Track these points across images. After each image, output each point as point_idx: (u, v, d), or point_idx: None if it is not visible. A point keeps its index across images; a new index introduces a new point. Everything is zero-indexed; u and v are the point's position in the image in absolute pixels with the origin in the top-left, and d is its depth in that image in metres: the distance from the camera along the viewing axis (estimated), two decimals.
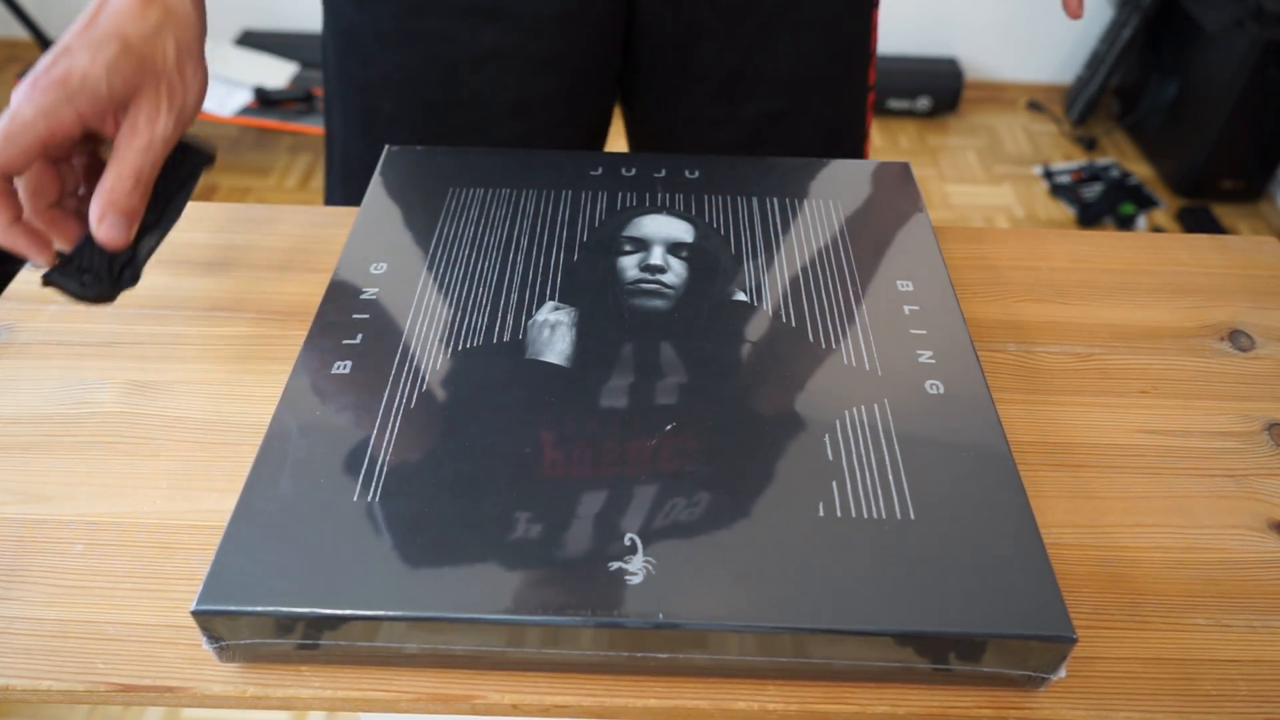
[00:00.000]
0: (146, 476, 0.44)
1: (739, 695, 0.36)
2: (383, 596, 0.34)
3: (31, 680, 0.36)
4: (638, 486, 0.38)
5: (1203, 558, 0.42)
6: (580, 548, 0.36)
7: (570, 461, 0.39)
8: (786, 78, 0.68)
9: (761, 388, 0.43)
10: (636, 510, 0.37)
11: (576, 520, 0.37)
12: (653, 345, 0.45)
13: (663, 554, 0.36)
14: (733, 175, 0.57)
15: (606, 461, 0.39)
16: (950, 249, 0.58)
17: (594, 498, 0.38)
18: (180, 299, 0.53)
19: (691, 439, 0.40)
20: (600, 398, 0.42)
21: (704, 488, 0.38)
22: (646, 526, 0.37)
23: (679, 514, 0.37)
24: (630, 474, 0.39)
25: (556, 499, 0.38)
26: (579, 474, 0.39)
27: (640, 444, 0.40)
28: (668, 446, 0.40)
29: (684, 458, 0.39)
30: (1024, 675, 0.36)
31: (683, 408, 0.42)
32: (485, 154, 0.58)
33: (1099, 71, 2.20)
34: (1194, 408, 0.49)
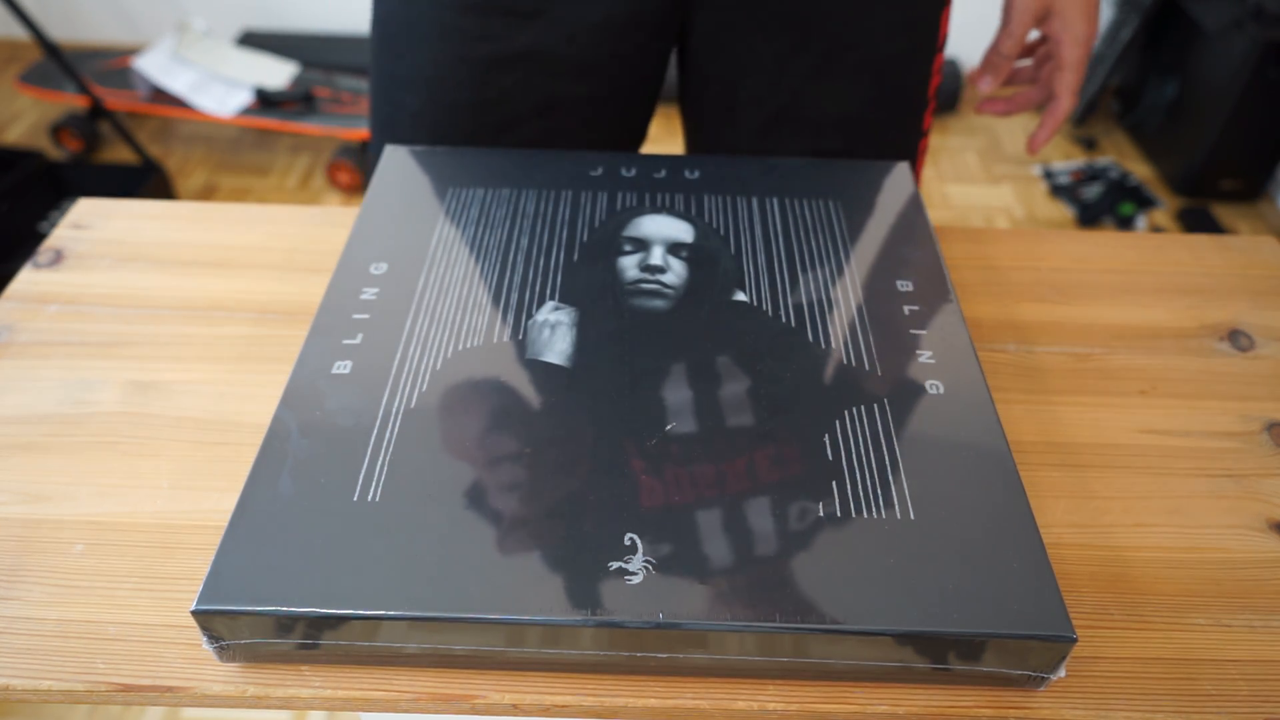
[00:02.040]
0: (147, 476, 0.44)
1: (739, 695, 0.36)
2: (383, 596, 0.34)
3: (31, 680, 0.36)
4: (638, 486, 0.38)
5: (1203, 558, 0.42)
6: (580, 548, 0.36)
7: (570, 461, 0.39)
8: (835, 120, 0.67)
9: (761, 388, 0.43)
10: (636, 510, 0.37)
11: (576, 520, 0.37)
12: (653, 345, 0.45)
13: (663, 554, 0.36)
14: (733, 175, 0.57)
15: (606, 461, 0.39)
16: (950, 249, 0.58)
17: (594, 497, 0.38)
18: (180, 299, 0.54)
19: (691, 439, 0.40)
20: (600, 397, 0.42)
21: (704, 488, 0.38)
22: (646, 526, 0.37)
23: (679, 514, 0.37)
24: (630, 474, 0.39)
25: (556, 499, 0.38)
26: (579, 474, 0.39)
27: (640, 444, 0.40)
28: (667, 446, 0.40)
29: (684, 457, 0.39)
30: (1024, 675, 0.36)
31: (682, 407, 0.42)
32: (485, 154, 0.58)
33: (1099, 71, 2.20)
34: (1194, 408, 0.49)
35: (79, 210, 0.60)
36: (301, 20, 2.29)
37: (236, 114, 1.88)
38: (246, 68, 1.98)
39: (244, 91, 1.91)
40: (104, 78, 1.95)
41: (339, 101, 1.95)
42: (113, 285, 0.54)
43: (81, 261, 0.56)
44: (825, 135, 0.67)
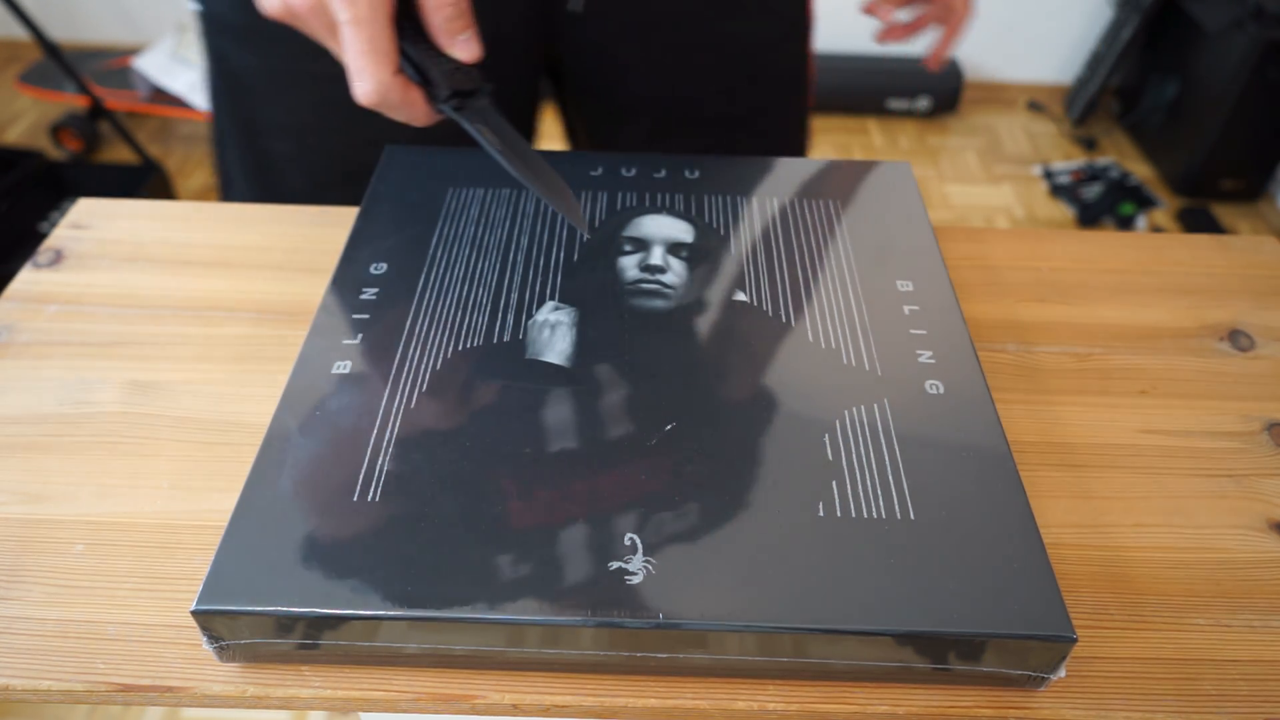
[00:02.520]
0: (147, 476, 0.44)
1: (739, 695, 0.36)
2: (383, 596, 0.34)
3: (31, 680, 0.36)
4: (638, 486, 0.38)
5: (1203, 558, 0.42)
6: (580, 548, 0.36)
7: (570, 461, 0.39)
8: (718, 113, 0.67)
9: (761, 388, 0.43)
10: (636, 510, 0.37)
11: (576, 520, 0.37)
12: (653, 345, 0.45)
13: (663, 554, 0.36)
14: (733, 175, 0.57)
15: (606, 461, 0.39)
16: (950, 249, 0.58)
17: (594, 498, 0.38)
18: (180, 299, 0.53)
19: (691, 439, 0.40)
20: (600, 398, 0.42)
21: (704, 487, 0.38)
22: (646, 526, 0.37)
23: (679, 514, 0.37)
24: (630, 474, 0.39)
25: (556, 499, 0.38)
26: (579, 474, 0.39)
27: (640, 444, 0.40)
28: (668, 446, 0.40)
29: (684, 457, 0.39)
30: (1024, 675, 0.36)
31: (683, 407, 0.42)
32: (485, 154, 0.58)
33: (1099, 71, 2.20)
34: (1194, 408, 0.49)
35: (79, 210, 0.60)
36: None
37: None
38: None
39: None
40: (104, 78, 1.95)
41: None
42: (113, 285, 0.54)
43: (81, 261, 0.56)
44: (711, 130, 0.67)
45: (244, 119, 0.65)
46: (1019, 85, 2.42)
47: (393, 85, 0.42)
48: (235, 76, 0.64)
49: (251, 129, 0.65)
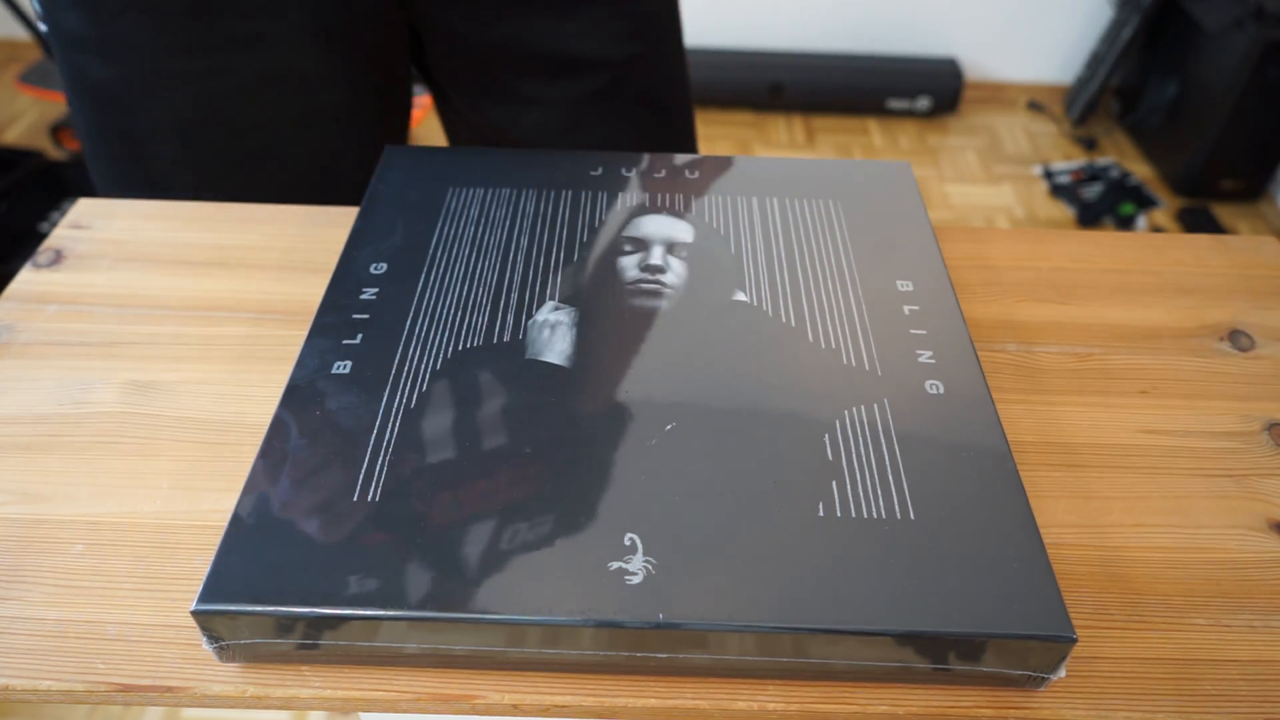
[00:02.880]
0: (146, 476, 0.44)
1: (739, 695, 0.36)
2: (383, 596, 0.34)
3: (31, 680, 0.36)
4: (638, 486, 0.38)
5: (1203, 558, 0.42)
6: (580, 548, 0.36)
7: (570, 461, 0.39)
8: (591, 58, 0.67)
9: (761, 387, 0.43)
10: (636, 510, 0.37)
11: (576, 520, 0.37)
12: (653, 345, 0.45)
13: (663, 554, 0.36)
14: (733, 175, 0.57)
15: (606, 461, 0.39)
16: (950, 249, 0.58)
17: (594, 498, 0.38)
18: (180, 299, 0.53)
19: (691, 439, 0.40)
20: (600, 398, 0.42)
21: (704, 488, 0.38)
22: (646, 526, 0.37)
23: (679, 514, 0.37)
24: (630, 474, 0.39)
25: (556, 499, 0.38)
26: (579, 474, 0.39)
27: (640, 444, 0.40)
28: (668, 446, 0.40)
29: (684, 457, 0.39)
30: (1024, 675, 0.36)
31: (683, 407, 0.42)
32: (485, 154, 0.58)
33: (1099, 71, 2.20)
34: (1194, 408, 0.49)
35: (79, 210, 0.60)
36: None
37: None
38: None
39: None
40: None
41: None
42: (113, 285, 0.54)
43: (81, 261, 0.56)
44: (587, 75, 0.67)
45: (119, 132, 0.64)
46: (1019, 85, 2.42)
47: None
48: (99, 91, 0.63)
49: (129, 140, 0.64)
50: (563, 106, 0.69)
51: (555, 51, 0.66)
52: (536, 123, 0.70)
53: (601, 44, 0.66)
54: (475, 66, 0.68)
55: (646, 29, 0.68)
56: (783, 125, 2.34)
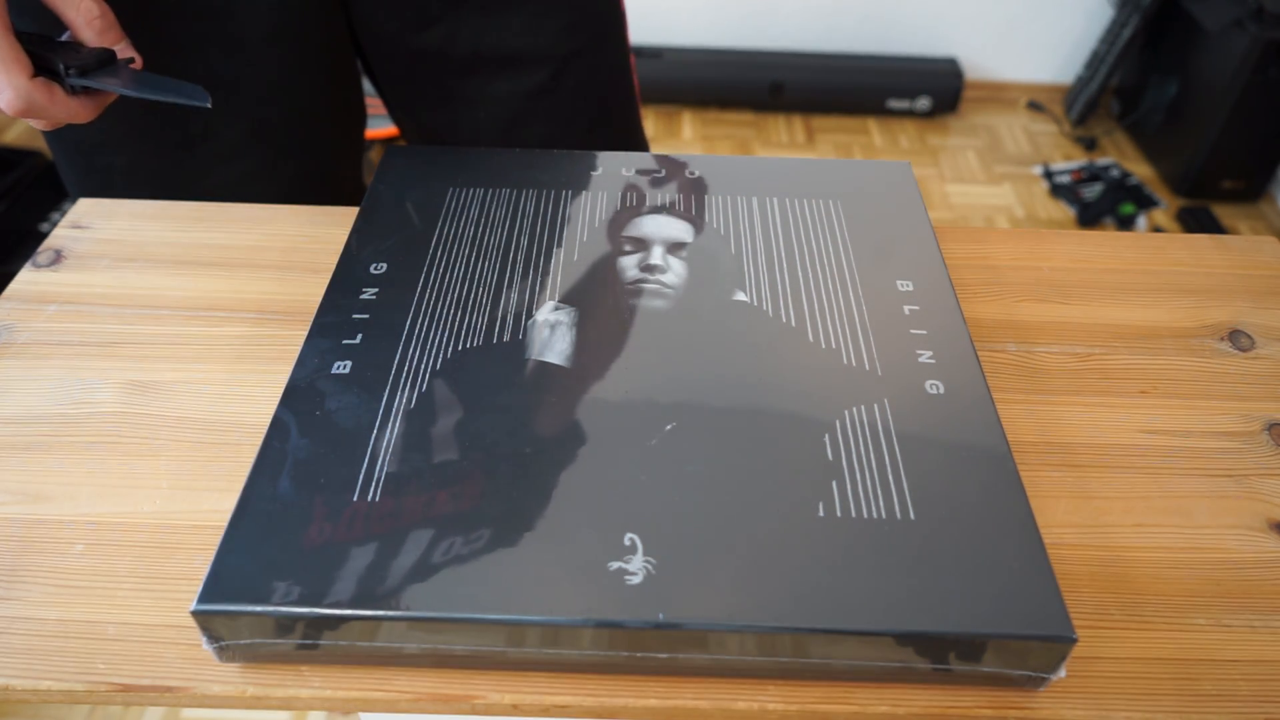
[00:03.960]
0: (146, 476, 0.44)
1: (739, 695, 0.36)
2: (383, 596, 0.34)
3: (31, 680, 0.36)
4: (638, 486, 0.38)
5: (1203, 558, 0.42)
6: (580, 548, 0.36)
7: (570, 461, 0.39)
8: (531, 54, 0.67)
9: (761, 387, 0.43)
10: (636, 510, 0.37)
11: (576, 520, 0.37)
12: (653, 345, 0.45)
13: (663, 554, 0.36)
14: (733, 175, 0.57)
15: (607, 461, 0.39)
16: (950, 249, 0.58)
17: (594, 498, 0.38)
18: (180, 299, 0.53)
19: (691, 439, 0.40)
20: (600, 398, 0.42)
21: (704, 488, 0.38)
22: (646, 526, 0.37)
23: (679, 514, 0.37)
24: (630, 474, 0.39)
25: (557, 499, 0.38)
26: (579, 474, 0.39)
27: (640, 444, 0.40)
28: (668, 446, 0.40)
29: (684, 457, 0.39)
30: (1024, 675, 0.36)
31: (683, 407, 0.42)
32: (485, 154, 0.58)
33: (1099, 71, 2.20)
34: (1194, 408, 0.49)
35: (79, 210, 0.60)
36: None
37: None
38: None
39: None
40: None
41: None
42: (113, 285, 0.54)
43: (81, 261, 0.56)
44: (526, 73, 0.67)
45: (70, 140, 0.65)
46: (1019, 85, 2.42)
47: (33, 88, 0.44)
48: None
49: (80, 148, 0.65)
50: (503, 105, 0.69)
51: (494, 49, 0.66)
52: (477, 123, 0.70)
53: (540, 39, 0.66)
54: (413, 70, 0.69)
55: (586, 24, 0.68)
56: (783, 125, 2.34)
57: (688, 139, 2.27)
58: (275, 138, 0.66)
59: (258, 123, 0.65)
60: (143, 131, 0.63)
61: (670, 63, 2.26)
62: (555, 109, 0.69)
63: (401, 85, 0.71)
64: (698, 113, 2.36)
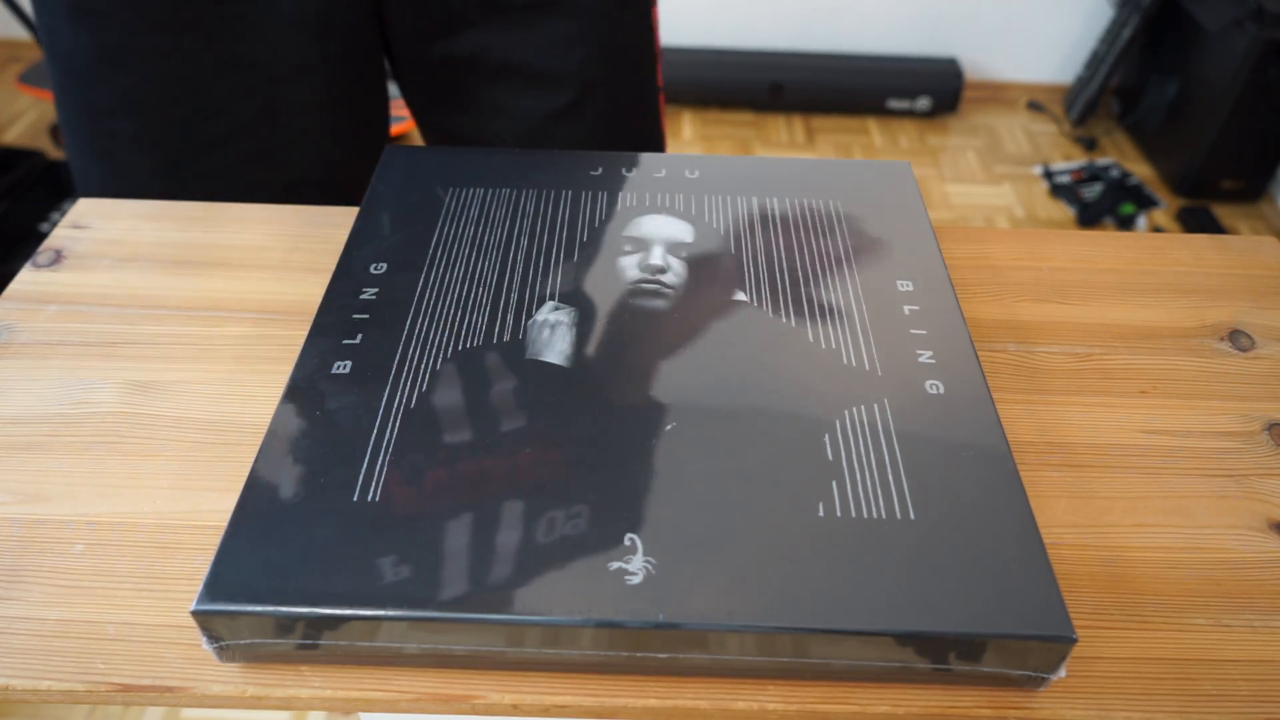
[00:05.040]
0: (146, 476, 0.44)
1: (739, 695, 0.36)
2: (383, 596, 0.34)
3: (31, 680, 0.36)
4: (638, 486, 0.38)
5: (1203, 558, 0.42)
6: (580, 548, 0.36)
7: (570, 461, 0.39)
8: (557, 75, 0.67)
9: (761, 388, 0.43)
10: (636, 510, 0.37)
11: (576, 520, 0.37)
12: (653, 345, 0.45)
13: (663, 554, 0.36)
14: (733, 175, 0.57)
15: (606, 461, 0.39)
16: (950, 249, 0.58)
17: (594, 498, 0.38)
18: (180, 299, 0.54)
19: (691, 439, 0.40)
20: (600, 398, 0.42)
21: (704, 488, 0.38)
22: (646, 526, 0.37)
23: (679, 514, 0.37)
24: (630, 474, 0.39)
25: (556, 499, 0.38)
26: (579, 474, 0.39)
27: (640, 444, 0.40)
28: (667, 446, 0.40)
29: (684, 457, 0.39)
30: (1024, 675, 0.36)
31: (683, 408, 0.42)
32: (485, 154, 0.58)
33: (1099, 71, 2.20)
34: (1194, 408, 0.49)
35: (79, 210, 0.60)
36: None
37: None
38: None
39: None
40: None
41: None
42: (113, 285, 0.54)
43: (81, 261, 0.56)
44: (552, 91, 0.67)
45: (83, 101, 0.64)
46: (1019, 85, 2.42)
47: None
48: (68, 58, 0.62)
49: (91, 111, 0.64)
50: (524, 119, 0.69)
51: (522, 64, 0.66)
52: (498, 132, 0.70)
53: (567, 63, 0.66)
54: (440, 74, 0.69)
55: (613, 56, 0.68)
56: (783, 125, 2.34)
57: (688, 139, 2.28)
58: (287, 122, 0.66)
59: (272, 104, 0.64)
60: (153, 102, 0.63)
61: (670, 63, 2.26)
62: (574, 131, 0.69)
63: (426, 87, 0.71)
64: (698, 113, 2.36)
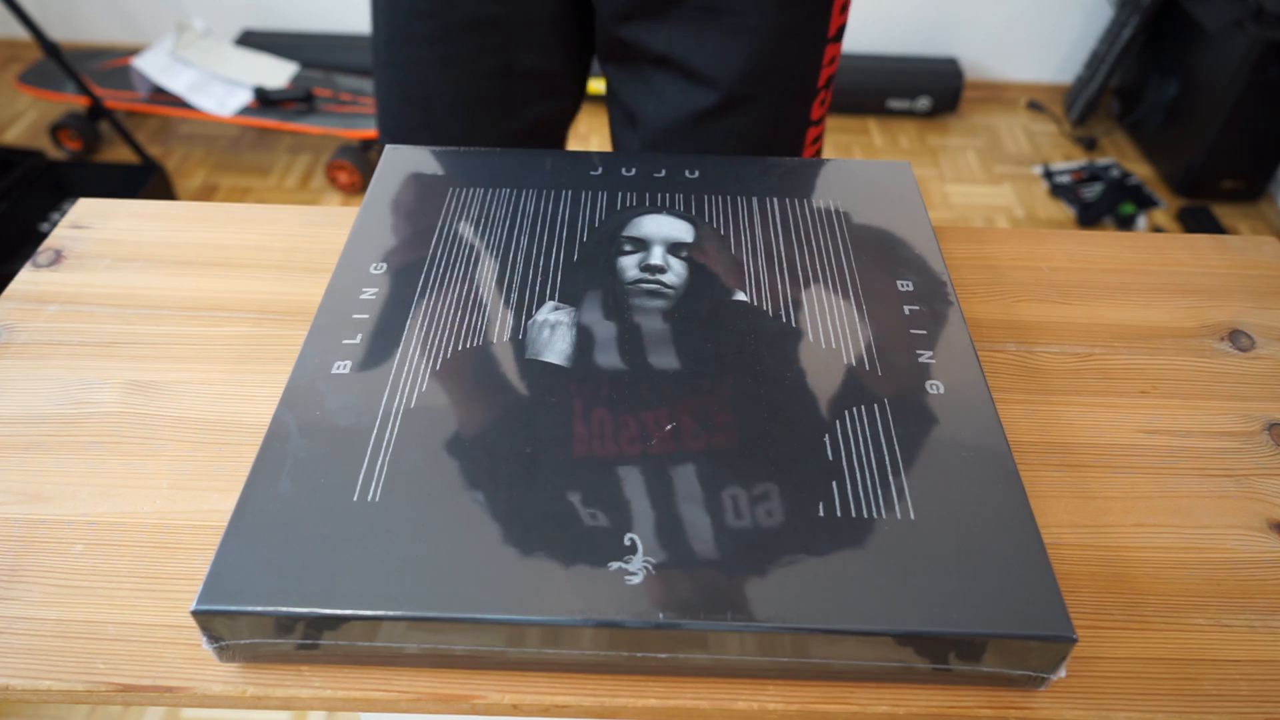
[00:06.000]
0: (146, 476, 0.44)
1: (739, 695, 0.36)
2: (383, 596, 0.34)
3: (31, 680, 0.36)
4: (637, 486, 0.38)
5: (1203, 558, 0.42)
6: (580, 548, 0.36)
7: (570, 461, 0.39)
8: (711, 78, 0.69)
9: (761, 388, 0.43)
10: (636, 510, 0.37)
11: (576, 520, 0.37)
12: (653, 345, 0.45)
13: (663, 554, 0.36)
14: (733, 175, 0.57)
15: (606, 461, 0.39)
16: (950, 249, 0.58)
17: (594, 497, 0.38)
18: (180, 299, 0.54)
19: (691, 439, 0.40)
20: (600, 398, 0.42)
21: (704, 487, 0.38)
22: (646, 526, 0.37)
23: (679, 514, 0.37)
24: (630, 474, 0.39)
25: (556, 499, 0.38)
26: (579, 474, 0.39)
27: (640, 444, 0.40)
28: (667, 446, 0.40)
29: (684, 457, 0.39)
30: (1024, 675, 0.36)
31: (682, 408, 0.42)
32: (485, 154, 0.58)
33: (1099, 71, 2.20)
34: (1194, 408, 0.49)
35: (79, 210, 0.60)
36: (301, 20, 2.29)
37: (236, 114, 1.88)
38: (246, 67, 1.98)
39: (244, 91, 1.92)
40: (104, 78, 1.95)
41: (338, 101, 1.95)
42: (113, 285, 0.54)
43: (81, 261, 0.56)
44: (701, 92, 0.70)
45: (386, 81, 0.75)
46: (1019, 85, 2.42)
47: None
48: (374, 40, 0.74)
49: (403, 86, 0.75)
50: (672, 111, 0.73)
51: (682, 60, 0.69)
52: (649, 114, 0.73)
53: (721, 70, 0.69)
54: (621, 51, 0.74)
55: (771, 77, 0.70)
56: None
57: None
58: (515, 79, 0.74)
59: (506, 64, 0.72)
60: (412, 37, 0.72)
61: None
62: (711, 136, 0.72)
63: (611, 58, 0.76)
64: None
